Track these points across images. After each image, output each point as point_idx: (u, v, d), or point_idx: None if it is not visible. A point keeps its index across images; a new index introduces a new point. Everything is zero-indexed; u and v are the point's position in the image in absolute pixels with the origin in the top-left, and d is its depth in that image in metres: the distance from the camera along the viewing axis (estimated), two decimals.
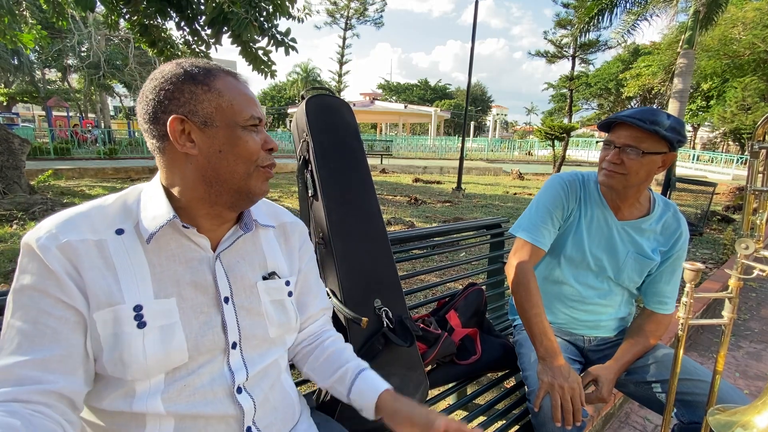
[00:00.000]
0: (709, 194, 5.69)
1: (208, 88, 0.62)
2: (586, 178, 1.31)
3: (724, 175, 17.13)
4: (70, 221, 0.60)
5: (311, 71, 37.07)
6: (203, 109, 0.62)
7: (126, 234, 0.63)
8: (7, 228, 4.48)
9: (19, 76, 19.37)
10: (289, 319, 0.77)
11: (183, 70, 0.62)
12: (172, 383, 0.63)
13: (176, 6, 4.44)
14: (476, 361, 1.36)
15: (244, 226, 0.72)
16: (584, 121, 37.45)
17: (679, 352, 0.99)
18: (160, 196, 0.65)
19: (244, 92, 0.66)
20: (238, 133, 0.64)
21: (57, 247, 0.57)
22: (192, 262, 0.67)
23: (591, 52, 24.83)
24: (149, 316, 0.61)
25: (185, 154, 0.63)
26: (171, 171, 0.65)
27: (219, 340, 0.67)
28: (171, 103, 0.61)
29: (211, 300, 0.67)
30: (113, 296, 0.59)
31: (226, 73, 0.66)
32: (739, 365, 2.43)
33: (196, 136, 0.62)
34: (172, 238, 0.65)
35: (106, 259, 0.60)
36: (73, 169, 9.53)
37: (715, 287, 3.06)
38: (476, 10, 8.56)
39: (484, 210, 7.00)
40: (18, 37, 5.55)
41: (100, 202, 0.65)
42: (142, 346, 0.60)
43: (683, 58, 9.12)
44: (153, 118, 0.62)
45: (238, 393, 0.68)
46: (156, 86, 0.62)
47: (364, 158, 1.19)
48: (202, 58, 0.68)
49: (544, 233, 1.24)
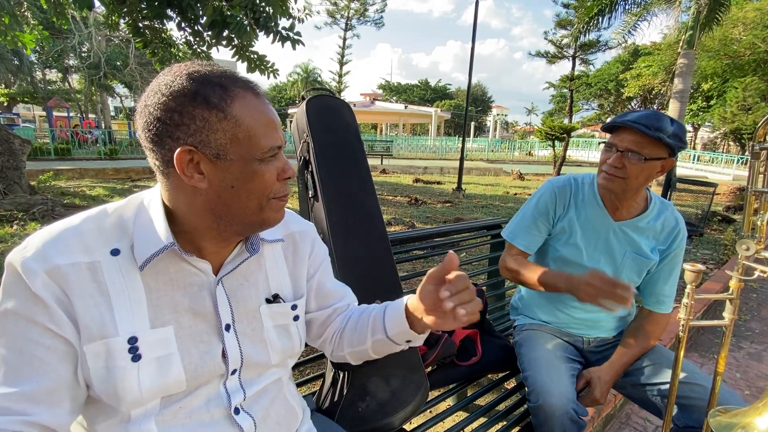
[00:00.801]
0: (710, 194, 5.69)
1: (224, 115, 0.54)
2: (580, 181, 1.32)
3: (725, 175, 17.13)
4: (61, 240, 0.54)
5: (312, 71, 37.09)
6: (216, 140, 0.54)
7: (122, 255, 0.57)
8: (7, 228, 4.48)
9: (20, 77, 19.40)
10: (293, 345, 0.73)
11: (194, 88, 0.53)
12: (167, 406, 0.60)
13: (178, 7, 4.44)
14: (477, 362, 1.36)
15: (250, 247, 0.66)
16: (584, 122, 37.46)
17: (679, 353, 0.99)
18: (158, 217, 0.58)
19: (264, 116, 0.57)
20: (254, 167, 0.56)
21: (45, 271, 0.52)
22: (191, 287, 0.62)
23: (591, 53, 24.89)
24: (144, 347, 0.57)
25: (193, 186, 0.56)
26: (175, 197, 0.58)
27: (219, 368, 0.64)
28: (179, 129, 0.53)
29: (211, 328, 0.63)
30: (106, 327, 0.55)
31: (245, 88, 0.57)
32: (740, 366, 2.42)
33: (206, 168, 0.55)
34: (170, 261, 0.60)
35: (99, 284, 0.55)
36: (74, 170, 9.55)
37: (715, 288, 3.06)
38: (476, 11, 8.56)
39: (484, 210, 6.99)
40: (19, 38, 5.55)
41: (94, 215, 0.59)
42: (137, 379, 0.56)
43: (684, 59, 9.14)
44: (157, 140, 0.54)
45: (235, 414, 0.65)
46: (162, 103, 0.53)
47: (364, 159, 1.19)
48: (203, 58, 0.61)
49: (528, 238, 1.32)
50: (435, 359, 1.29)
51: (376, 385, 1.05)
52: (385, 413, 1.03)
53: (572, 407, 1.07)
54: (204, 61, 0.58)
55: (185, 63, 0.57)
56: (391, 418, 1.03)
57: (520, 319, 1.48)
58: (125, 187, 8.09)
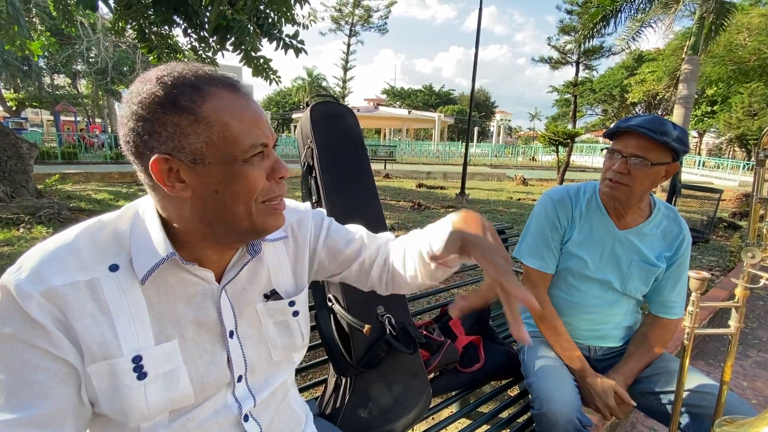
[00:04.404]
0: (715, 201, 5.65)
1: (195, 117, 0.50)
2: (580, 191, 1.30)
3: (731, 181, 17.00)
4: (56, 258, 0.52)
5: (316, 77, 37.33)
6: (190, 144, 0.51)
7: (121, 270, 0.55)
8: (14, 231, 4.52)
9: (28, 82, 19.67)
10: (293, 340, 0.72)
11: (162, 91, 0.50)
12: (175, 419, 0.60)
13: (184, 14, 4.50)
14: (480, 369, 1.35)
15: (251, 249, 0.65)
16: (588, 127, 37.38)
17: (685, 361, 0.98)
18: (155, 228, 0.56)
19: (244, 114, 0.53)
20: (236, 168, 0.53)
21: (41, 293, 0.49)
22: (194, 297, 0.60)
23: (595, 58, 24.82)
24: (150, 365, 0.55)
25: (177, 197, 0.53)
26: (166, 208, 0.56)
27: (225, 376, 0.63)
28: (151, 138, 0.50)
29: (215, 337, 0.62)
30: (109, 348, 0.53)
31: (220, 85, 0.53)
32: (747, 375, 2.39)
33: (186, 176, 0.52)
34: (171, 273, 0.58)
35: (99, 302, 0.53)
36: (80, 173, 9.62)
37: (722, 295, 3.03)
38: (480, 17, 8.60)
39: (487, 216, 6.98)
40: (27, 45, 5.64)
41: (88, 230, 0.56)
42: (143, 396, 0.55)
43: (688, 64, 9.11)
44: (136, 152, 0.52)
45: (245, 421, 0.65)
46: (133, 113, 0.50)
47: (368, 165, 1.19)
48: (208, 64, 0.58)
49: (545, 257, 1.28)
50: (437, 365, 1.28)
51: (379, 390, 1.05)
52: (387, 419, 1.02)
53: (576, 415, 1.06)
54: (193, 63, 0.55)
55: (158, 67, 0.53)
56: (393, 425, 1.03)
57: (525, 326, 1.46)
58: (130, 190, 8.15)
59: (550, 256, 1.28)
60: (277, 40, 4.68)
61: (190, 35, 4.99)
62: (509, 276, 0.56)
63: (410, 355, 1.07)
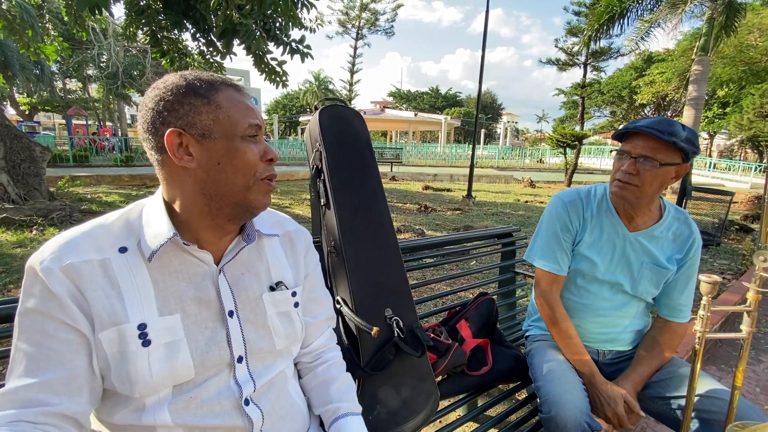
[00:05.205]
0: (727, 203, 5.57)
1: (208, 101, 0.63)
2: (591, 193, 1.30)
3: (742, 183, 16.72)
4: (73, 242, 0.61)
5: (323, 80, 37.53)
6: (201, 121, 0.62)
7: (129, 252, 0.63)
8: (27, 233, 4.60)
9: (41, 86, 20.02)
10: (295, 330, 0.77)
11: (186, 82, 0.63)
12: (179, 395, 0.64)
13: (192, 18, 4.56)
14: (487, 372, 1.35)
15: (247, 237, 0.72)
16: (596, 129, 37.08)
17: (696, 366, 0.97)
18: (161, 212, 0.65)
19: (243, 103, 0.66)
20: (236, 144, 0.64)
21: (60, 269, 0.58)
22: (195, 277, 0.67)
23: (603, 60, 24.63)
24: (153, 334, 0.62)
25: (183, 168, 0.63)
26: (171, 185, 0.65)
27: (224, 354, 0.68)
28: (170, 114, 0.61)
29: (215, 315, 0.68)
30: (117, 316, 0.60)
31: (228, 86, 0.66)
32: (760, 380, 2.35)
33: (194, 149, 0.62)
34: (174, 254, 0.66)
35: (110, 278, 0.61)
36: (91, 176, 9.77)
37: (733, 299, 2.98)
38: (486, 19, 8.60)
39: (494, 218, 6.95)
40: (41, 49, 5.75)
41: (102, 221, 0.65)
42: (147, 364, 0.60)
43: (698, 65, 9.01)
44: (152, 128, 0.62)
45: (245, 405, 0.69)
46: (157, 95, 0.62)
47: (375, 168, 1.20)
48: (216, 68, 0.70)
49: (558, 259, 1.27)
50: (445, 368, 1.28)
51: (387, 393, 1.05)
52: (395, 422, 1.02)
53: (585, 420, 1.05)
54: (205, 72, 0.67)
55: (175, 73, 0.66)
56: (401, 427, 1.03)
57: (533, 329, 1.46)
58: (140, 193, 8.25)
59: (563, 257, 1.27)
60: (284, 44, 4.72)
61: (198, 39, 5.05)
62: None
63: (418, 357, 1.07)
